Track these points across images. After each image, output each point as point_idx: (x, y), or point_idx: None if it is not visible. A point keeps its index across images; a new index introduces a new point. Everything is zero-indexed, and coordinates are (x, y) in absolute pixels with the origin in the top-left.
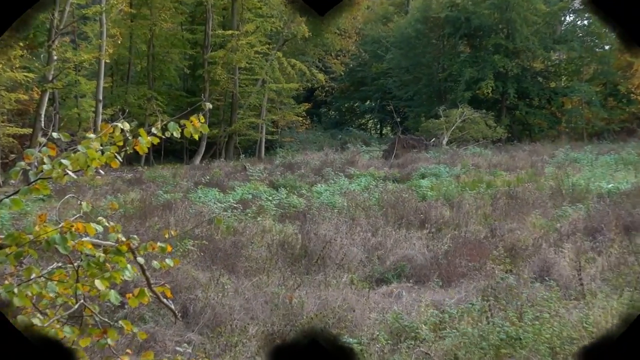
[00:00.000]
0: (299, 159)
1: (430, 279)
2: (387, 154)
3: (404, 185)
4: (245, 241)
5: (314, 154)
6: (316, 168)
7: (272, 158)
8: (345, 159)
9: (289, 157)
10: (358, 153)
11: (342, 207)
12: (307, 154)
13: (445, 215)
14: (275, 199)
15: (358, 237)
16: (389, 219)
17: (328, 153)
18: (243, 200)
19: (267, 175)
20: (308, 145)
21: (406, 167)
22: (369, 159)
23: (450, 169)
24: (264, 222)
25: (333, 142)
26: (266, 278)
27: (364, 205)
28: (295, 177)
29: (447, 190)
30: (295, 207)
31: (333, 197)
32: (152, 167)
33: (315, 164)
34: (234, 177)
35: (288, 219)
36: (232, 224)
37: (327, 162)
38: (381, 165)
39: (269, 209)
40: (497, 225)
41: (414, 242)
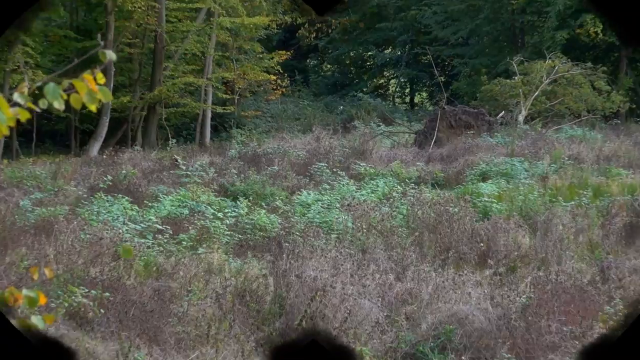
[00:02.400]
0: (271, 147)
1: (496, 355)
2: (423, 139)
3: (452, 192)
4: (178, 289)
5: (297, 139)
6: (300, 163)
7: (224, 145)
8: (350, 146)
9: (254, 143)
10: (373, 137)
11: (344, 231)
12: (284, 139)
13: (523, 245)
14: (229, 216)
15: (372, 283)
16: (426, 250)
17: (321, 137)
18: (173, 218)
19: (216, 175)
20: (286, 123)
21: (455, 160)
22: (391, 146)
23: (532, 165)
24: (210, 257)
25: (329, 119)
26: (214, 354)
27: (383, 228)
28: (265, 179)
29: (525, 202)
30: (263, 231)
31: (329, 212)
32: (17, 161)
33: (299, 155)
34: (158, 178)
35: (251, 250)
36: (154, 259)
37: (318, 153)
38: (412, 158)
39: (219, 234)
40: (612, 262)
41: (469, 290)
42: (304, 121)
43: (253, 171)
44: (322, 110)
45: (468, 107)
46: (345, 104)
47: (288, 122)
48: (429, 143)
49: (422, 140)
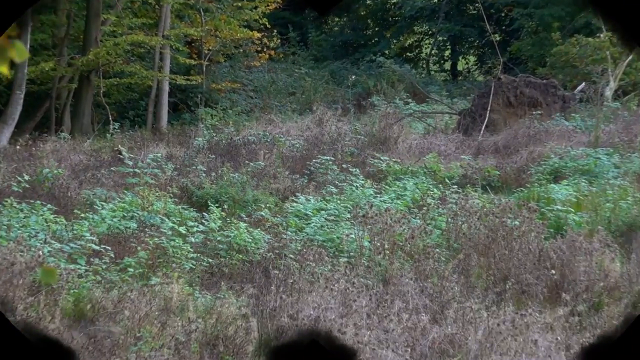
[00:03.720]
0: (255, 134)
1: None
2: (470, 122)
3: (511, 198)
4: (122, 336)
5: (291, 123)
6: (296, 156)
7: (187, 131)
8: (366, 133)
9: (230, 128)
10: (399, 120)
11: (357, 252)
12: (273, 122)
13: (612, 272)
14: (194, 232)
15: (398, 326)
16: (474, 280)
17: (325, 119)
18: (116, 235)
19: (176, 174)
20: (276, 99)
21: (515, 153)
22: (424, 133)
23: (624, 159)
24: (168, 289)
25: (336, 93)
26: None
27: (413, 249)
28: (245, 179)
29: (615, 212)
30: (243, 253)
31: (336, 227)
32: None
33: (295, 146)
34: (94, 178)
35: (226, 280)
36: (88, 293)
37: (321, 142)
38: (454, 150)
39: (180, 257)
40: None
41: (535, 337)
42: (300, 97)
43: (229, 168)
44: (326, 81)
45: (533, 78)
46: (359, 72)
47: (278, 99)
48: (478, 128)
49: (468, 123)
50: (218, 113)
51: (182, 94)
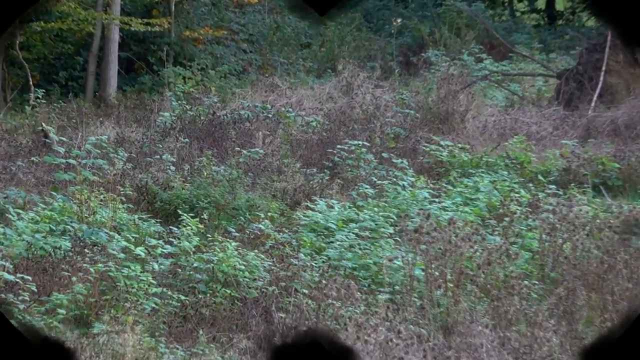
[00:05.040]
0: (249, 107)
1: None
2: (574, 89)
3: (636, 204)
4: None
5: (305, 90)
6: (312, 141)
7: (148, 103)
8: (419, 105)
9: (211, 97)
10: (467, 86)
11: (405, 286)
12: (277, 89)
13: None
14: (158, 253)
15: None
16: (581, 328)
17: (356, 84)
18: (39, 259)
19: (131, 166)
20: (282, 55)
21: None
22: (506, 104)
23: None
24: (119, 342)
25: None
26: None
27: (489, 281)
28: (235, 175)
29: None
30: (232, 287)
31: (372, 247)
32: None
33: (310, 124)
34: (6, 172)
35: (207, 327)
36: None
37: (348, 120)
38: (551, 130)
39: (137, 293)
40: None
41: None
42: (319, 51)
43: (210, 158)
44: (357, 27)
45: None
46: (407, 13)
47: (285, 53)
48: (588, 98)
49: (572, 91)
50: (194, 75)
51: (140, 46)
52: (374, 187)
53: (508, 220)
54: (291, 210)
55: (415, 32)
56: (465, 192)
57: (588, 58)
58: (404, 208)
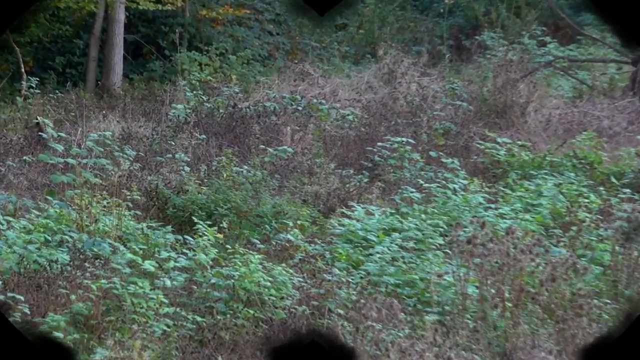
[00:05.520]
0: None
1: None
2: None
3: None
4: None
5: (340, 79)
6: (349, 138)
7: (159, 93)
8: (473, 96)
9: (231, 88)
10: (529, 73)
11: (456, 305)
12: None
13: None
14: (170, 267)
15: None
16: None
17: (399, 72)
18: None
19: (139, 166)
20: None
21: None
22: (573, 95)
23: None
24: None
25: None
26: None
27: (554, 299)
28: (259, 177)
29: None
30: (256, 307)
31: (419, 261)
32: None
33: (346, 119)
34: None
35: (227, 353)
36: None
37: (390, 113)
38: (626, 125)
39: (145, 313)
40: None
41: None
42: (356, 33)
43: (230, 157)
44: (401, 5)
45: None
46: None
47: (317, 36)
48: None
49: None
50: (212, 61)
51: (149, 28)
52: (420, 191)
53: (575, 229)
54: (324, 217)
55: (469, 12)
56: (526, 197)
57: None
58: (455, 215)
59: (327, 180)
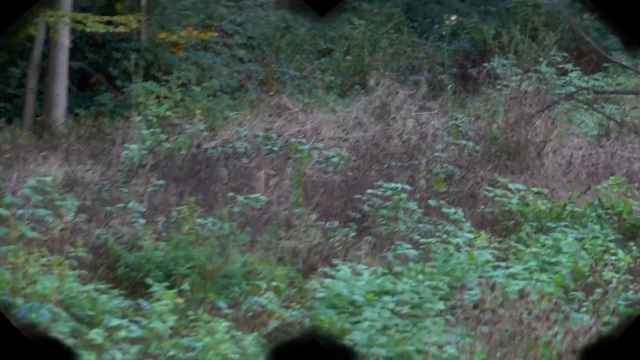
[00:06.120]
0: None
1: None
2: None
3: None
4: None
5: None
6: (333, 184)
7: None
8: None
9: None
10: (547, 107)
11: None
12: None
13: None
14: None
15: None
16: None
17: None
18: None
19: (85, 218)
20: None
21: None
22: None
23: None
24: None
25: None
26: None
27: None
28: (227, 229)
29: None
30: None
31: (415, 329)
32: None
33: (331, 161)
34: None
35: None
36: None
37: (383, 155)
38: None
39: None
40: None
41: None
42: (343, 61)
43: (193, 206)
44: (397, 27)
45: None
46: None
47: (297, 63)
48: None
49: None
50: (172, 93)
51: (98, 54)
52: (417, 247)
53: (601, 292)
54: (304, 278)
55: (476, 34)
56: (543, 254)
57: None
58: (459, 276)
59: (307, 234)
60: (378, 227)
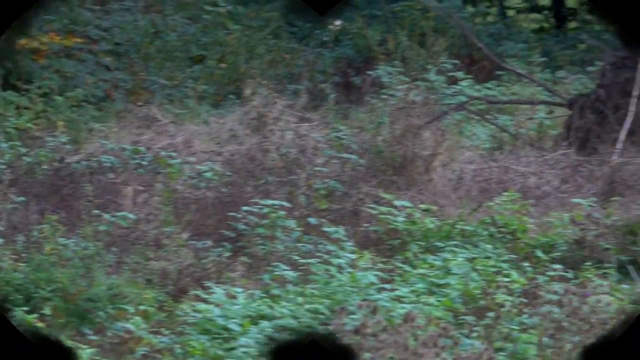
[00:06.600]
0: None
1: None
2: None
3: None
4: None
5: (195, 125)
6: (206, 201)
7: None
8: (363, 147)
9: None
10: (436, 118)
11: None
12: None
13: None
14: None
15: None
16: None
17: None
18: None
19: None
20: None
21: None
22: (491, 146)
23: None
24: None
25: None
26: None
27: None
28: (92, 249)
29: None
30: None
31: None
32: None
33: (203, 176)
34: None
35: None
36: None
37: (259, 169)
38: (558, 184)
39: None
40: None
41: None
42: (216, 68)
43: (55, 225)
44: (275, 32)
45: None
46: (348, 13)
47: (167, 72)
48: (612, 136)
49: (588, 126)
50: (33, 104)
51: None
52: (297, 268)
53: (493, 316)
54: (174, 302)
55: (359, 40)
56: (431, 275)
57: (613, 78)
58: (340, 299)
59: (178, 255)
60: (254, 246)
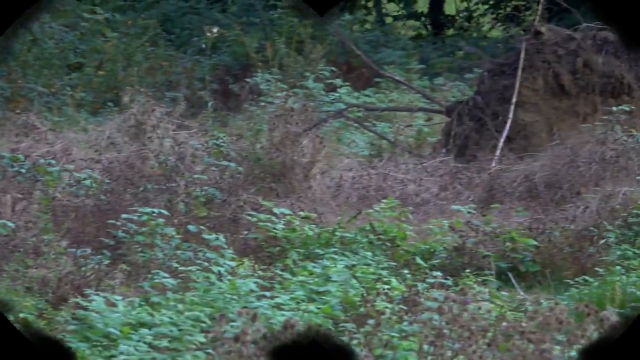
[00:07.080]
0: None
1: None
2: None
3: (560, 297)
4: None
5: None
6: (85, 208)
7: None
8: (242, 154)
9: None
10: (314, 125)
11: None
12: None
13: None
14: None
15: None
16: None
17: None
18: None
19: None
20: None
21: (571, 197)
22: (370, 153)
23: None
24: None
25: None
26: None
27: None
28: None
29: None
30: None
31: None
32: None
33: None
34: None
35: None
36: None
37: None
38: (437, 191)
39: None
40: None
41: None
42: (95, 76)
43: None
44: (153, 39)
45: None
46: (225, 21)
47: (45, 79)
48: (490, 142)
49: (467, 133)
50: None
51: None
52: (176, 276)
53: (373, 323)
54: (54, 309)
55: (237, 47)
56: (310, 283)
57: (492, 85)
58: (220, 306)
59: (57, 263)
60: (134, 254)
